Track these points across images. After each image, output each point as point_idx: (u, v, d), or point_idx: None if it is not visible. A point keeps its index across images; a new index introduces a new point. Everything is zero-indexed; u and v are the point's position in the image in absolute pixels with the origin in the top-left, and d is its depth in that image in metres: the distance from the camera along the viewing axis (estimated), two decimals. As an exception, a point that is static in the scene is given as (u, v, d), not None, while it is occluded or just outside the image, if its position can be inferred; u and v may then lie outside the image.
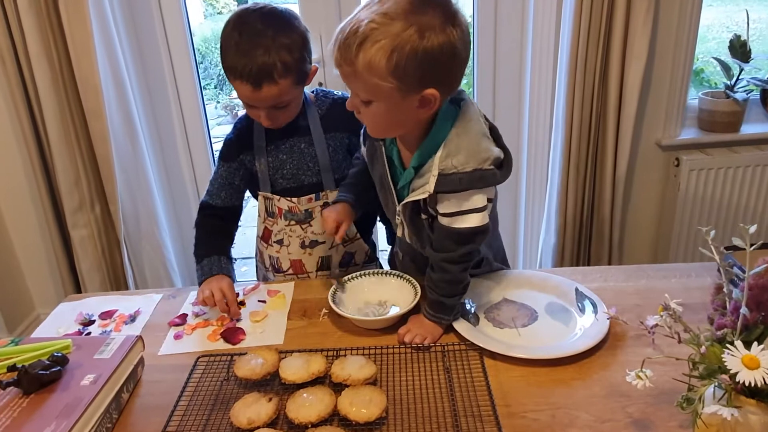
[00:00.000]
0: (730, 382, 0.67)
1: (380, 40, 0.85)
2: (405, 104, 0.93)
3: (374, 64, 0.87)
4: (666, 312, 0.73)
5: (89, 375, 0.90)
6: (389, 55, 0.86)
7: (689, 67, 2.03)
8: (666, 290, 1.15)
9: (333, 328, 1.12)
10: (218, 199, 1.34)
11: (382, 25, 0.85)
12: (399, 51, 0.85)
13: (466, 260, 1.04)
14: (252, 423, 0.85)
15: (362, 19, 0.87)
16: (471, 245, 1.02)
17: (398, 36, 0.85)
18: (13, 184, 2.13)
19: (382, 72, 0.87)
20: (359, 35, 0.86)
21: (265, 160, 1.29)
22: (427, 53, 0.86)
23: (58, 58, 1.85)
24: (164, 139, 2.23)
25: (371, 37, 0.86)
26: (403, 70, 0.87)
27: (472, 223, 0.99)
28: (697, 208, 2.16)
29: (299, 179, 1.30)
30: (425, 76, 0.89)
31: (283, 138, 1.28)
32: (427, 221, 1.06)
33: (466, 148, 0.96)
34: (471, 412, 0.87)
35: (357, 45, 0.87)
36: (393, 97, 0.91)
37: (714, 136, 2.13)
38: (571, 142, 1.97)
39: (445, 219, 1.00)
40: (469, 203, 0.98)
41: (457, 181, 0.95)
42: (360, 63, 0.88)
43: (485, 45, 2.09)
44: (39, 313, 2.39)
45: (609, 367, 0.96)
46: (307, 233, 1.32)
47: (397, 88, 0.89)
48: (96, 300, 1.29)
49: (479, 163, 0.96)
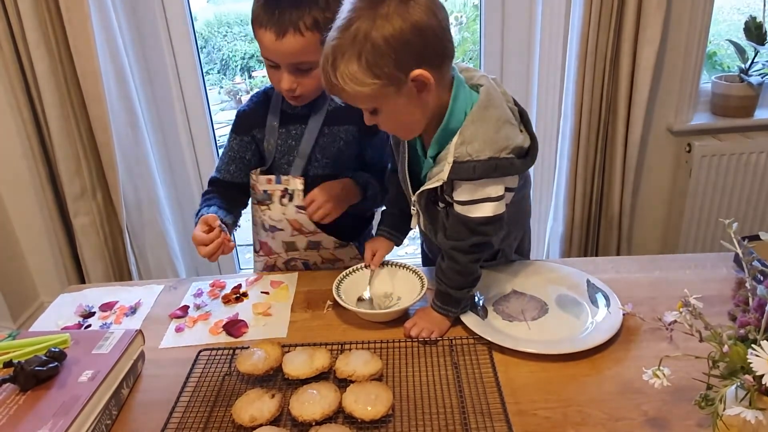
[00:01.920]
0: (754, 383, 0.64)
1: (345, 52, 0.88)
2: (405, 96, 0.92)
3: (352, 75, 0.88)
4: (686, 308, 0.70)
5: (87, 371, 0.88)
6: (359, 60, 0.87)
7: (702, 51, 1.97)
8: (681, 282, 1.13)
9: (338, 321, 1.10)
10: (227, 173, 1.29)
11: (341, 38, 0.88)
12: (363, 51, 0.87)
13: (477, 251, 1.01)
14: (254, 420, 0.83)
15: (328, 43, 0.90)
16: (483, 236, 0.99)
17: (355, 39, 0.87)
18: (14, 172, 2.11)
19: (362, 78, 0.88)
20: (329, 58, 0.90)
21: (275, 142, 1.25)
22: (388, 40, 0.86)
23: (57, 44, 1.81)
24: (166, 125, 2.20)
25: (338, 53, 0.88)
26: (377, 65, 0.87)
27: (486, 212, 0.96)
28: (708, 195, 2.12)
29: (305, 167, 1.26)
30: (401, 60, 0.88)
31: (296, 123, 1.24)
32: (443, 210, 1.03)
33: (483, 135, 0.93)
34: (480, 409, 0.85)
35: (331, 68, 0.89)
36: (388, 95, 0.91)
37: (727, 121, 2.07)
38: (580, 129, 1.93)
39: (460, 207, 0.98)
40: (484, 192, 0.95)
41: (472, 170, 0.93)
42: (343, 81, 0.89)
43: (492, 28, 2.04)
44: (43, 301, 2.39)
45: (622, 362, 0.93)
46: (265, 216, 1.27)
47: (384, 84, 0.89)
48: (96, 291, 1.26)
49: (496, 151, 0.93)
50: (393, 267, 1.18)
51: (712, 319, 0.72)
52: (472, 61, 2.81)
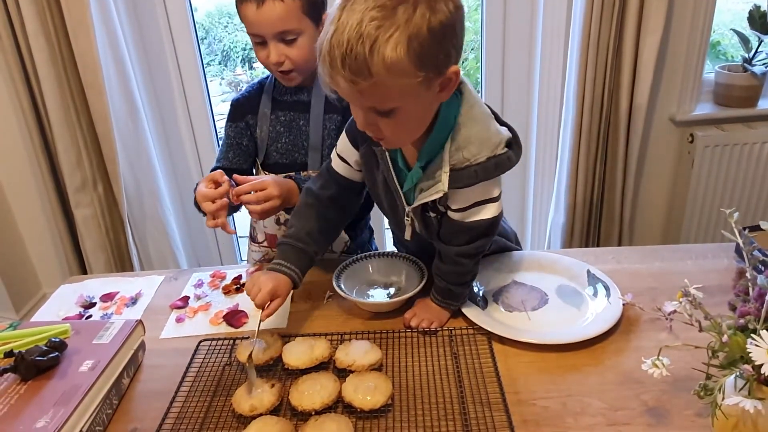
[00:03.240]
0: (753, 373, 0.64)
1: (393, 34, 0.73)
2: (428, 95, 0.82)
3: (395, 63, 0.74)
4: (685, 298, 0.70)
5: (88, 361, 0.88)
6: (408, 46, 0.74)
7: (706, 40, 1.95)
8: (682, 272, 1.12)
9: (338, 311, 1.10)
10: (226, 161, 1.28)
11: (385, 17, 0.73)
12: (417, 37, 0.74)
13: (480, 252, 1.00)
14: (254, 410, 0.83)
15: (358, 22, 0.73)
16: (486, 238, 0.97)
17: (410, 21, 0.73)
18: (15, 164, 2.11)
19: (406, 68, 0.75)
20: (366, 39, 0.73)
21: (267, 128, 1.25)
22: (444, 27, 0.76)
23: (56, 34, 1.81)
24: (166, 117, 2.19)
25: (380, 35, 0.73)
26: (427, 56, 0.76)
27: (488, 214, 0.94)
28: (711, 185, 2.11)
29: (292, 156, 1.26)
30: (447, 53, 0.78)
31: (284, 110, 1.24)
32: (436, 218, 0.99)
33: (477, 136, 0.88)
34: (479, 398, 0.85)
35: (368, 51, 0.73)
36: (419, 93, 0.79)
37: (730, 111, 2.06)
38: (582, 119, 1.92)
39: (458, 214, 0.95)
40: (485, 194, 0.92)
41: (473, 174, 0.88)
42: (378, 69, 0.74)
43: (494, 18, 2.02)
44: (45, 292, 2.40)
45: (622, 352, 0.93)
46: (282, 211, 1.25)
47: (425, 79, 0.78)
48: (97, 282, 1.27)
49: (492, 149, 0.88)
50: (393, 257, 1.18)
51: (712, 309, 0.71)
52: (473, 51, 2.79)
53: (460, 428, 0.80)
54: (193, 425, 0.84)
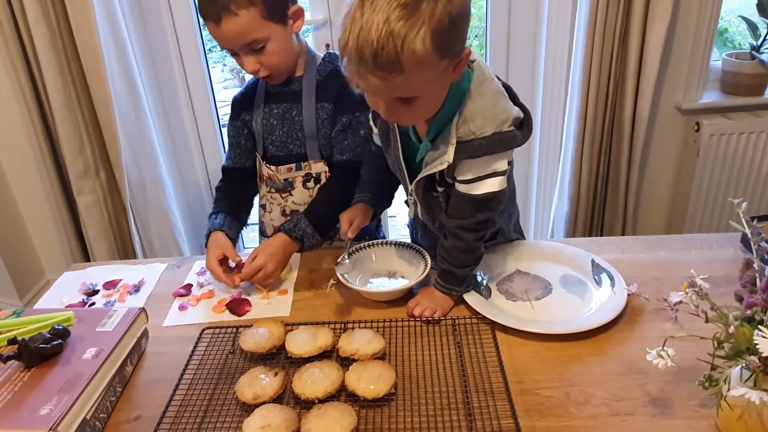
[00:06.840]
0: (759, 365, 0.63)
1: (419, 30, 0.76)
2: (446, 78, 0.86)
3: (424, 57, 0.77)
4: (692, 289, 0.69)
5: (91, 348, 0.88)
6: (432, 39, 0.77)
7: (714, 27, 1.93)
8: (687, 262, 1.12)
9: (341, 300, 1.09)
10: (230, 160, 1.33)
11: (410, 14, 0.75)
12: (440, 29, 0.77)
13: (482, 228, 1.00)
14: (258, 398, 0.83)
15: (384, 20, 0.75)
16: (489, 212, 0.98)
17: (433, 15, 0.76)
18: (17, 151, 2.11)
19: (433, 59, 0.79)
20: (395, 37, 0.75)
21: (261, 122, 1.26)
22: (461, 15, 0.79)
23: (57, 20, 1.79)
24: (168, 103, 2.18)
25: (409, 32, 0.75)
26: (447, 45, 0.79)
27: (491, 188, 0.95)
28: (716, 174, 2.09)
29: (287, 147, 1.26)
30: (463, 38, 0.83)
31: (277, 102, 1.25)
32: (443, 194, 1.01)
33: (483, 111, 0.91)
34: (482, 388, 0.85)
35: (400, 48, 0.76)
36: (440, 78, 0.84)
37: (737, 100, 2.04)
38: (587, 107, 1.90)
39: (464, 186, 0.97)
40: (490, 168, 0.94)
41: (477, 147, 0.91)
42: (408, 65, 0.77)
43: (499, 5, 1.99)
44: (49, 279, 2.41)
45: (626, 342, 0.93)
46: (287, 203, 1.30)
47: (447, 65, 0.83)
48: (100, 269, 1.27)
49: (498, 125, 0.91)
50: (396, 246, 1.17)
51: (717, 300, 0.71)
52: (477, 38, 2.76)
53: (463, 417, 0.80)
54: (197, 413, 0.84)
